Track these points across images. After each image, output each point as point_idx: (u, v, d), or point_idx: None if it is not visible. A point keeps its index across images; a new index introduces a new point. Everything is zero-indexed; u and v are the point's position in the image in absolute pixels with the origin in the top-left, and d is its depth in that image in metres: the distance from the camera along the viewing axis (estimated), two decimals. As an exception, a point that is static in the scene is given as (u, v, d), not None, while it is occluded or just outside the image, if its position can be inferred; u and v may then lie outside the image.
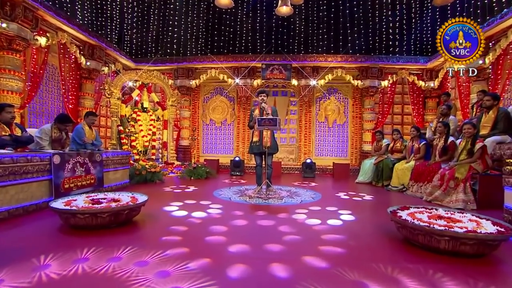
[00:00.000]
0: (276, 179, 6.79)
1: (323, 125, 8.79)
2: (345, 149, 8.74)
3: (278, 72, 8.07)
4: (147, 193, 4.62)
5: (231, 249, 2.23)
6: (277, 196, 4.52)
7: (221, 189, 5.12)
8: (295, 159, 8.81)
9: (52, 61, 6.21)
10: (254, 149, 4.78)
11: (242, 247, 2.26)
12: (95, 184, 4.13)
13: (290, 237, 2.55)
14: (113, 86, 6.80)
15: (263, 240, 2.44)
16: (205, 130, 9.19)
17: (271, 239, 2.49)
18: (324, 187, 5.86)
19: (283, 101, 8.81)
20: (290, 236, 2.59)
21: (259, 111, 4.87)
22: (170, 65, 8.57)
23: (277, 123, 4.42)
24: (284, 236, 2.57)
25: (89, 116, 4.91)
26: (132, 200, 2.94)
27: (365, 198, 4.58)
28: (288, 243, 2.39)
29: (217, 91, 9.09)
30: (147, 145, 7.57)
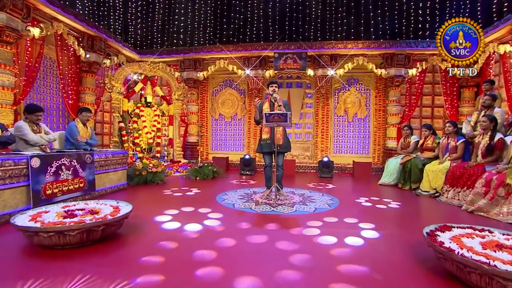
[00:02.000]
0: (288, 179, 6.31)
1: (342, 119, 8.20)
2: (366, 145, 8.11)
3: (292, 61, 7.54)
4: (144, 197, 4.38)
5: (218, 279, 1.80)
6: (288, 202, 4.06)
7: (226, 192, 4.72)
8: (311, 156, 8.28)
9: (50, 53, 5.98)
10: (264, 148, 4.36)
11: (228, 278, 1.82)
12: (85, 188, 3.83)
13: (296, 267, 2.08)
14: (114, 79, 6.50)
15: (260, 269, 1.99)
16: (214, 125, 8.82)
17: (271, 268, 2.03)
18: (343, 190, 5.33)
19: (298, 93, 8.28)
20: (296, 263, 2.12)
21: (269, 104, 4.42)
22: (176, 57, 8.23)
23: (287, 119, 3.93)
24: (288, 265, 2.10)
25: (82, 112, 4.65)
26: (113, 211, 2.56)
27: (390, 205, 4.02)
28: (291, 279, 1.91)
29: (226, 84, 8.68)
30: (151, 142, 7.27)
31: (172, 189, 4.92)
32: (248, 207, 3.81)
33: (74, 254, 2.17)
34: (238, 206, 3.85)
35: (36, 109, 4.04)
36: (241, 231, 2.81)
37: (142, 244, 2.43)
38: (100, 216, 2.43)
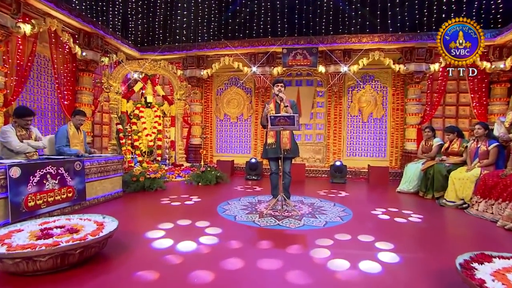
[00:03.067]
0: (297, 185, 6.05)
1: (357, 120, 7.86)
2: (383, 148, 7.74)
3: (302, 57, 7.23)
4: (138, 207, 4.17)
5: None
6: (295, 214, 3.79)
7: (228, 202, 4.48)
8: (323, 159, 7.97)
9: (44, 52, 5.87)
10: (270, 153, 4.12)
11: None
12: (74, 198, 3.65)
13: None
14: (112, 79, 6.36)
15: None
16: (218, 126, 8.61)
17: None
18: (357, 198, 5.02)
19: (308, 91, 7.99)
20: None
21: (274, 105, 4.18)
22: (178, 54, 8.04)
23: (295, 122, 3.67)
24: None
25: (76, 115, 4.49)
26: (96, 230, 2.35)
27: (411, 219, 3.69)
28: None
29: (231, 82, 8.45)
30: (151, 145, 7.11)
31: (171, 197, 4.72)
32: (251, 219, 3.56)
33: (47, 281, 1.96)
34: (240, 218, 3.61)
35: (26, 113, 3.88)
36: (240, 252, 2.55)
37: (126, 268, 2.21)
38: (80, 236, 2.22)
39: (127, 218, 3.55)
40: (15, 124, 3.86)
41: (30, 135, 3.94)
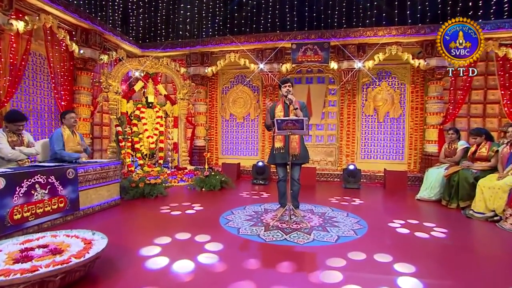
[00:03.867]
0: (308, 190, 5.85)
1: (372, 120, 7.60)
2: (400, 150, 7.45)
3: (313, 53, 7.01)
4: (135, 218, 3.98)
5: None
6: (305, 226, 3.59)
7: (232, 211, 4.32)
8: (335, 162, 7.73)
9: (39, 50, 5.81)
10: (278, 159, 3.95)
11: None
12: (66, 209, 3.53)
13: None
14: (111, 77, 6.25)
15: None
16: (224, 127, 8.47)
17: None
18: (372, 207, 4.78)
19: (320, 89, 7.76)
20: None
21: (283, 106, 4.00)
22: (181, 50, 7.91)
23: (304, 126, 3.47)
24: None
25: (65, 115, 4.34)
26: (82, 250, 2.20)
27: (434, 233, 3.43)
28: None
29: (238, 80, 8.30)
30: (153, 148, 6.99)
31: (171, 205, 4.58)
32: (256, 233, 3.37)
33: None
34: (244, 231, 3.43)
35: (17, 118, 3.78)
36: (240, 275, 2.36)
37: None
38: (63, 258, 2.07)
39: (122, 231, 3.42)
40: (6, 129, 3.76)
41: (22, 141, 3.84)
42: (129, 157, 6.09)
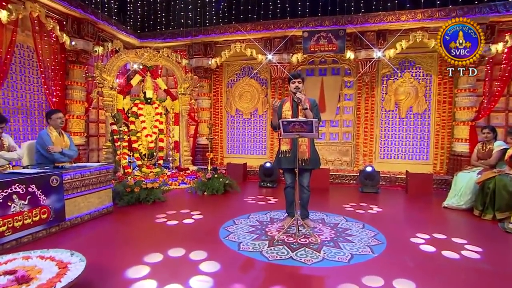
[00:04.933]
0: (319, 195, 5.65)
1: (393, 115, 7.27)
2: (425, 149, 7.10)
3: (327, 41, 6.73)
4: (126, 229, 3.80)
5: None
6: (314, 240, 3.37)
7: (235, 220, 4.15)
8: (351, 162, 7.46)
9: (27, 41, 5.70)
10: (284, 163, 3.76)
11: None
12: (50, 220, 3.41)
13: None
14: (105, 71, 6.11)
15: None
16: (230, 123, 8.31)
17: None
18: (392, 217, 4.50)
19: (334, 82, 7.47)
20: None
21: (291, 104, 3.78)
22: (183, 40, 7.75)
23: (313, 128, 3.24)
24: None
25: (51, 115, 4.27)
26: (54, 277, 2.04)
27: (466, 253, 3.14)
28: None
29: (244, 72, 8.10)
30: (152, 147, 6.86)
31: (168, 213, 4.44)
32: (258, 249, 3.17)
33: None
34: (245, 247, 3.23)
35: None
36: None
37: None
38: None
39: (109, 245, 3.27)
40: None
41: (2, 145, 3.73)
42: (125, 158, 5.95)
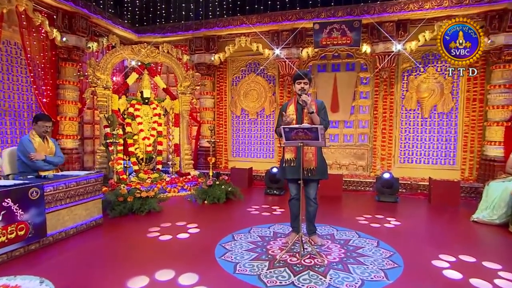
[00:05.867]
0: (331, 204, 5.47)
1: (414, 115, 7.00)
2: (451, 153, 6.79)
3: (340, 34, 6.52)
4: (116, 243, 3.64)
5: None
6: (321, 261, 3.16)
7: (234, 234, 3.98)
8: (367, 167, 7.23)
9: (14, 38, 5.67)
10: (288, 173, 3.60)
11: None
12: (29, 236, 3.29)
13: None
14: (99, 69, 6.02)
15: None
16: (235, 124, 8.23)
17: None
18: (412, 232, 4.21)
19: (349, 78, 7.27)
20: None
21: (295, 107, 3.61)
22: (183, 35, 7.68)
23: (319, 136, 3.04)
24: None
25: (38, 121, 4.24)
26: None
27: (500, 282, 2.81)
28: None
29: (250, 68, 8.00)
30: (150, 151, 6.75)
31: (163, 226, 4.30)
32: (256, 271, 2.98)
33: None
34: (242, 269, 3.04)
35: None
36: None
37: None
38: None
39: (91, 266, 3.12)
40: None
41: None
42: (120, 163, 5.85)
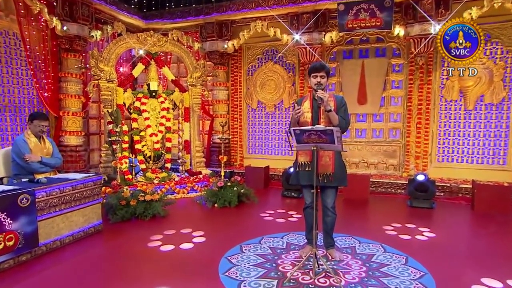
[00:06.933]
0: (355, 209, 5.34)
1: (456, 107, 6.69)
2: (501, 150, 6.45)
3: (369, 15, 6.30)
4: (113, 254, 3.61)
5: None
6: (336, 282, 2.97)
7: (242, 245, 3.87)
8: (399, 166, 7.04)
9: (13, 28, 5.75)
10: (302, 179, 3.47)
11: None
12: (19, 247, 3.29)
13: None
14: (102, 60, 6.02)
15: None
16: (250, 118, 8.22)
17: None
18: (449, 247, 3.91)
19: (378, 66, 7.08)
20: None
21: (311, 104, 3.46)
22: (194, 20, 7.67)
23: (334, 139, 2.87)
24: None
25: (34, 120, 4.25)
26: None
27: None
28: None
29: (267, 56, 7.94)
30: (158, 148, 6.75)
31: (166, 233, 4.26)
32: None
33: None
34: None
35: None
36: None
37: None
38: None
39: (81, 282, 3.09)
40: None
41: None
42: (124, 163, 5.87)
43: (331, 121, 3.24)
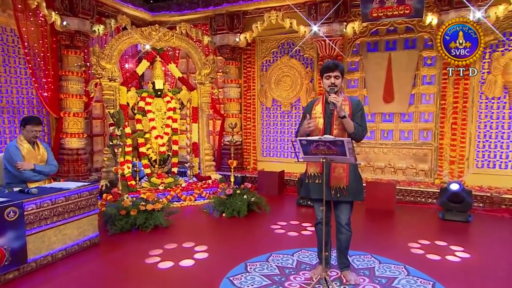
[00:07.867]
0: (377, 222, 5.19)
1: (498, 105, 6.41)
2: (552, 156, 6.14)
3: (396, 2, 6.18)
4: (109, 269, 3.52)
5: None
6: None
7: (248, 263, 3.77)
8: (430, 172, 6.78)
9: (10, 24, 5.82)
10: (313, 192, 3.35)
11: None
12: (5, 264, 3.29)
13: None
14: (103, 58, 6.03)
15: None
16: (265, 118, 8.16)
17: None
18: (487, 272, 3.66)
19: (408, 59, 6.89)
20: None
21: (323, 107, 3.35)
22: (203, 12, 7.61)
23: (346, 150, 2.74)
24: None
25: (26, 125, 4.25)
26: None
27: None
28: None
29: (282, 50, 7.85)
30: (164, 151, 6.74)
31: (167, 247, 4.23)
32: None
33: None
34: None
35: None
36: None
37: None
38: None
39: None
40: None
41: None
42: (126, 168, 5.87)
43: (346, 128, 3.11)
